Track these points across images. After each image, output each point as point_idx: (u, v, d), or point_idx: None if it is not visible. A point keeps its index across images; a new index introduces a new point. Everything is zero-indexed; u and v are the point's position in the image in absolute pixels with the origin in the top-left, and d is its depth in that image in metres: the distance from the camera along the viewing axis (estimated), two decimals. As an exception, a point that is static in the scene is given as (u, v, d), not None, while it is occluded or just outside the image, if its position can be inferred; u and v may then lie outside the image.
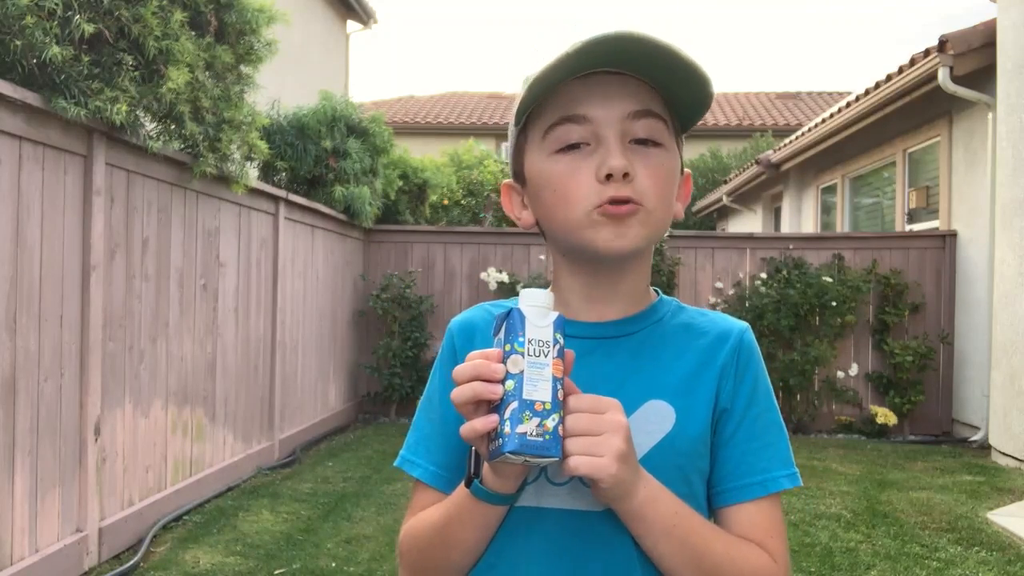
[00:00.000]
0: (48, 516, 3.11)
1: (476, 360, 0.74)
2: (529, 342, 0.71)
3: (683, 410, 0.87)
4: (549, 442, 0.69)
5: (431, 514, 0.89)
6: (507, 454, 0.70)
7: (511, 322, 0.73)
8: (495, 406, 0.72)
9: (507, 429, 0.69)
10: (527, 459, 0.71)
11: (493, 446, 0.72)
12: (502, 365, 0.72)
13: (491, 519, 0.84)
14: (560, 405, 0.71)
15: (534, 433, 0.69)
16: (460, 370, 0.74)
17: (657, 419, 0.86)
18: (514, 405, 0.70)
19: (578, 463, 0.73)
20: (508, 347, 0.72)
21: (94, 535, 3.38)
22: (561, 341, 0.73)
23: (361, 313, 7.33)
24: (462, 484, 0.84)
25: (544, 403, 0.70)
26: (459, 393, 0.73)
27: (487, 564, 0.88)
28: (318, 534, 3.90)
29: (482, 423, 0.72)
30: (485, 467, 0.80)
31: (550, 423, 0.70)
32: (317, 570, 3.43)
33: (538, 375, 0.71)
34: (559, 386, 0.71)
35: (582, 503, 0.85)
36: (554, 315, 0.74)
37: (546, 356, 0.71)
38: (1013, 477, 5.18)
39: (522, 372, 0.70)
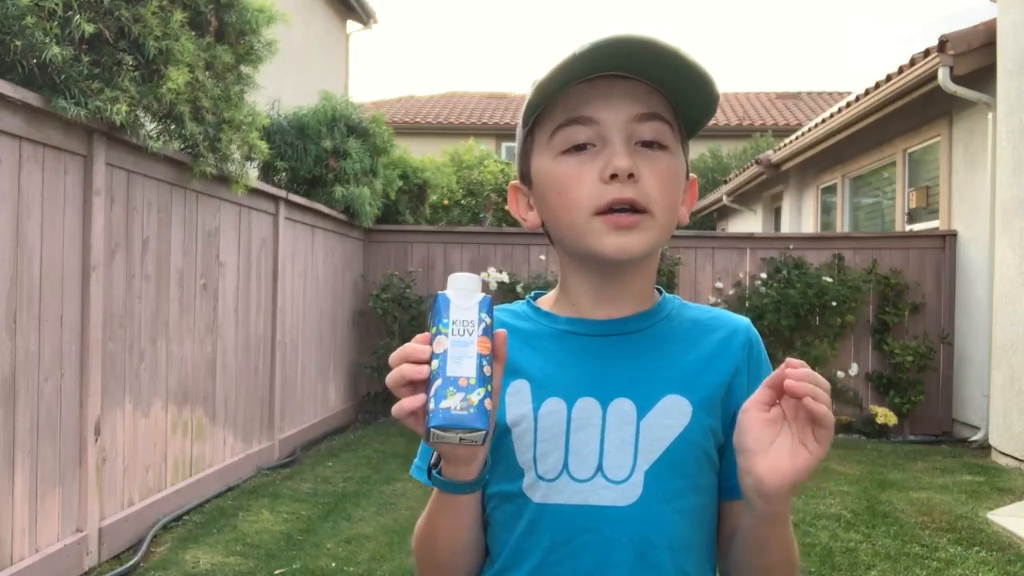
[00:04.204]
0: (48, 516, 3.11)
1: (407, 344, 0.76)
2: (453, 323, 0.74)
3: (698, 404, 0.89)
4: (473, 415, 0.72)
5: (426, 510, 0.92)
6: (433, 429, 0.72)
7: (436, 306, 0.75)
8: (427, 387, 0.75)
9: (432, 405, 0.72)
10: (460, 436, 0.73)
11: (424, 424, 0.75)
12: (428, 346, 0.74)
13: (460, 508, 0.86)
14: (486, 380, 0.73)
15: (458, 407, 0.71)
16: (393, 355, 0.76)
17: (676, 413, 0.88)
18: (439, 383, 0.72)
19: (828, 414, 0.76)
20: (434, 329, 0.75)
21: (94, 535, 3.38)
22: (488, 320, 0.75)
23: (361, 313, 7.33)
24: None
25: (468, 379, 0.72)
26: (391, 376, 0.75)
27: (510, 561, 0.89)
28: (318, 534, 3.90)
29: (409, 401, 0.74)
30: (438, 456, 0.82)
31: (475, 397, 0.72)
32: (317, 570, 3.43)
33: (462, 353, 0.73)
34: (484, 363, 0.73)
35: (604, 499, 0.86)
36: (480, 296, 0.76)
37: (470, 335, 0.74)
38: (1013, 477, 5.18)
39: (446, 351, 0.73)
